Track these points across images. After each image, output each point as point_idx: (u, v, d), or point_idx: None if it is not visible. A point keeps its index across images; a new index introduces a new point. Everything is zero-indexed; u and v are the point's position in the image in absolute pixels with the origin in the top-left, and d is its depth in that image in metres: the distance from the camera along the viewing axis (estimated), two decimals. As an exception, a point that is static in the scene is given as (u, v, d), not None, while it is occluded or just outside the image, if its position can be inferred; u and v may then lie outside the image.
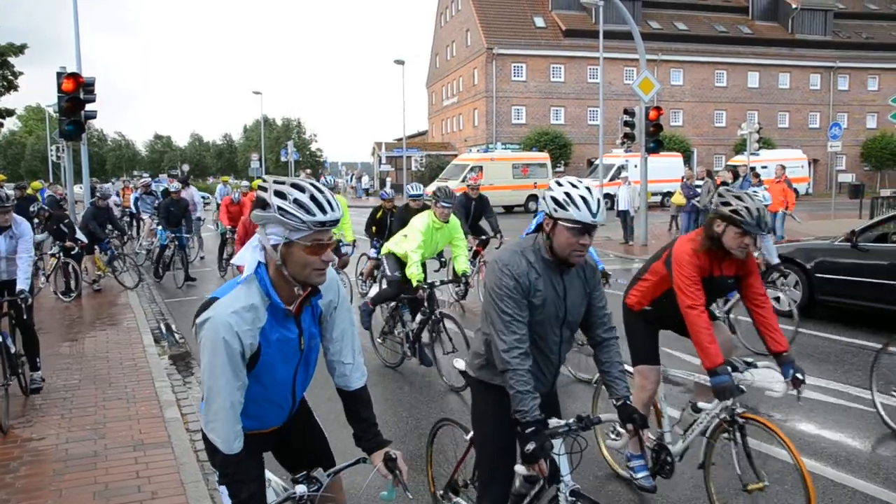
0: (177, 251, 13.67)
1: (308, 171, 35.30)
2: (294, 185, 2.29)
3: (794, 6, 50.09)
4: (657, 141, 17.63)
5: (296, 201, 2.24)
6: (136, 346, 8.46)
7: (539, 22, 47.42)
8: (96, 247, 12.72)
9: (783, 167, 16.49)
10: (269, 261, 2.37)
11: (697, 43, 48.15)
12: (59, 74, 12.85)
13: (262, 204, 2.29)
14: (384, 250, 7.83)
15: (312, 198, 2.26)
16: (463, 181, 32.15)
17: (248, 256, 2.41)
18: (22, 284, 6.16)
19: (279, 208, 2.24)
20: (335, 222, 2.31)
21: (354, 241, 10.88)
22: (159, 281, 14.00)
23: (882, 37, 51.68)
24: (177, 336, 9.50)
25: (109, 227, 13.20)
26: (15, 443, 5.39)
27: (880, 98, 49.78)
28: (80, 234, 12.07)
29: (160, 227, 14.03)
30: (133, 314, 10.43)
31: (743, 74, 49.21)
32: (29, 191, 16.92)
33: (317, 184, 2.32)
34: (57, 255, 11.76)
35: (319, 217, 2.25)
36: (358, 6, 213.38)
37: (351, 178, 56.52)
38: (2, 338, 5.89)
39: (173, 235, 13.55)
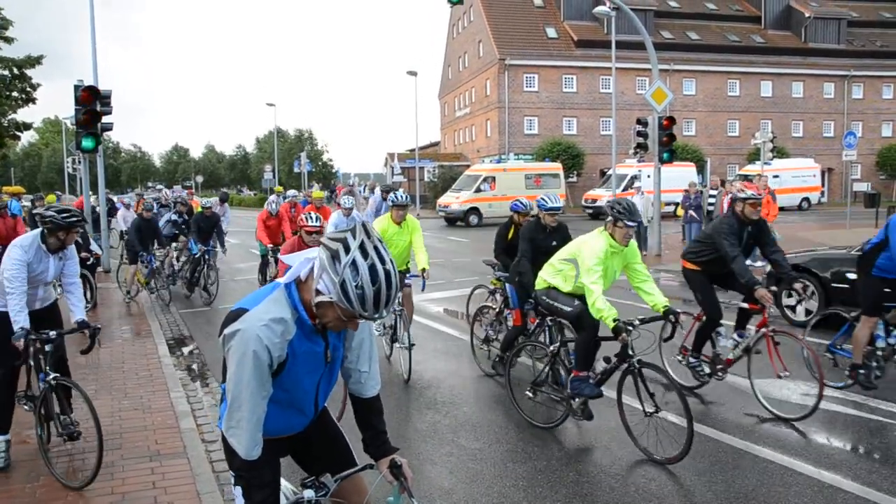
0: (206, 267, 13.16)
1: (352, 185, 34.96)
2: (372, 268, 2.20)
3: (807, 15, 49.90)
4: (670, 150, 17.58)
5: (359, 289, 2.19)
6: (152, 356, 8.50)
7: (551, 32, 47.50)
8: (139, 260, 12.34)
9: (765, 178, 16.41)
10: (307, 286, 2.38)
11: (710, 52, 48.02)
12: (76, 87, 13.01)
13: (336, 255, 2.22)
14: (540, 283, 6.09)
15: (377, 295, 2.21)
16: (477, 191, 32.28)
17: (295, 264, 2.43)
18: (82, 314, 5.39)
19: (342, 283, 2.19)
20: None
21: (425, 270, 8.03)
22: (190, 295, 13.41)
23: (896, 45, 51.37)
24: (192, 346, 9.55)
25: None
26: (35, 452, 5.42)
27: (895, 106, 49.53)
28: (94, 246, 12.18)
29: (192, 240, 13.54)
30: (148, 324, 10.49)
31: (756, 83, 49.03)
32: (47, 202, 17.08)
33: (392, 273, 2.24)
34: None
35: (369, 314, 2.23)
36: (371, 18, 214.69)
37: (364, 189, 56.66)
38: (45, 384, 5.05)
39: (205, 249, 12.98)
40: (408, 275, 8.24)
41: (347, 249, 2.22)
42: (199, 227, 13.36)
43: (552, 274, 5.96)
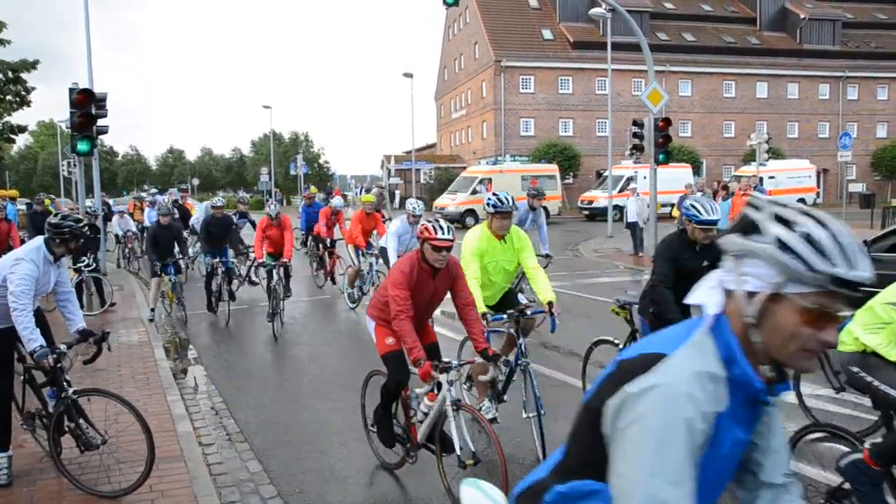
0: (224, 280, 11.43)
1: (383, 186, 33.66)
2: (804, 213, 1.46)
3: (802, 16, 50.06)
4: (666, 152, 17.60)
5: (808, 238, 1.41)
6: (148, 359, 8.49)
7: (547, 34, 47.57)
8: (161, 272, 11.05)
9: (746, 178, 16.38)
10: (733, 313, 1.52)
11: (706, 54, 48.15)
12: (71, 90, 12.95)
13: (747, 227, 1.49)
14: (847, 342, 3.93)
15: (835, 239, 1.41)
16: (473, 193, 32.29)
17: (702, 298, 1.60)
18: (82, 323, 5.25)
19: (779, 241, 1.42)
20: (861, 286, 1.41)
21: (552, 303, 5.66)
22: (214, 314, 11.72)
23: (891, 46, 51.51)
24: (190, 350, 9.53)
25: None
26: (31, 456, 5.41)
27: (890, 107, 49.75)
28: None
29: (201, 252, 11.92)
30: (144, 327, 10.47)
31: (751, 85, 49.17)
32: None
33: (838, 222, 1.45)
34: (80, 270, 11.63)
35: (841, 271, 1.38)
36: (366, 20, 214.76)
37: (360, 191, 56.70)
38: (64, 399, 4.87)
39: (218, 260, 11.38)
40: (528, 309, 5.84)
41: (759, 208, 1.51)
42: (208, 231, 11.63)
43: (870, 326, 3.76)
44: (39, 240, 5.04)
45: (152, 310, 11.23)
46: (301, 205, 18.45)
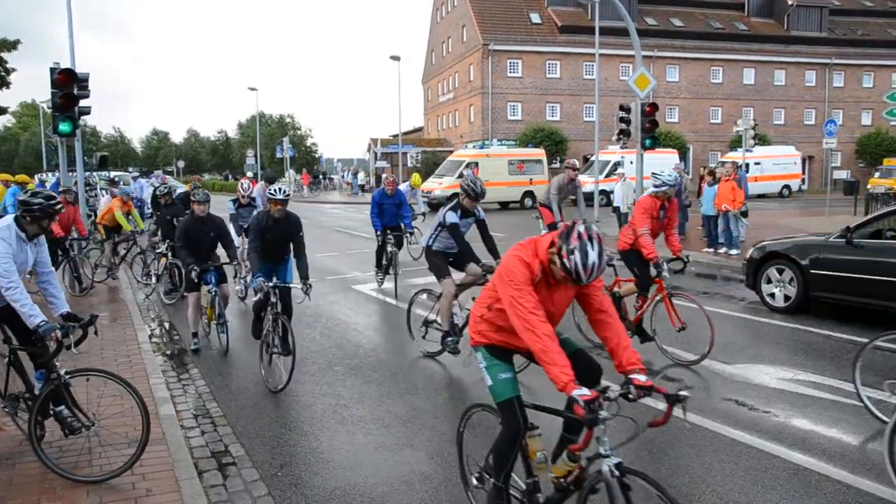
0: (282, 313, 7.15)
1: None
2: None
3: (789, 3, 50.13)
4: (653, 137, 17.62)
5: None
6: (132, 342, 8.43)
7: (535, 18, 47.38)
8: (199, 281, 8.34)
9: (734, 164, 16.27)
10: None
11: (693, 39, 48.15)
12: (52, 70, 12.78)
13: None
14: None
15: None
16: (460, 177, 32.21)
17: None
18: (65, 307, 4.95)
19: None
20: None
21: None
22: (269, 362, 7.29)
23: (877, 33, 51.77)
24: (173, 334, 9.47)
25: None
26: (11, 439, 5.37)
27: (875, 95, 49.91)
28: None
29: (255, 274, 7.19)
30: (128, 310, 10.39)
31: (738, 71, 49.26)
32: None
33: None
34: (166, 254, 10.94)
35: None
36: (354, 2, 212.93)
37: (346, 174, 56.47)
38: (54, 380, 4.83)
39: (274, 284, 7.08)
40: None
41: None
42: (262, 234, 7.30)
43: None
44: (9, 218, 4.88)
45: (195, 334, 8.45)
46: (374, 194, 13.26)
